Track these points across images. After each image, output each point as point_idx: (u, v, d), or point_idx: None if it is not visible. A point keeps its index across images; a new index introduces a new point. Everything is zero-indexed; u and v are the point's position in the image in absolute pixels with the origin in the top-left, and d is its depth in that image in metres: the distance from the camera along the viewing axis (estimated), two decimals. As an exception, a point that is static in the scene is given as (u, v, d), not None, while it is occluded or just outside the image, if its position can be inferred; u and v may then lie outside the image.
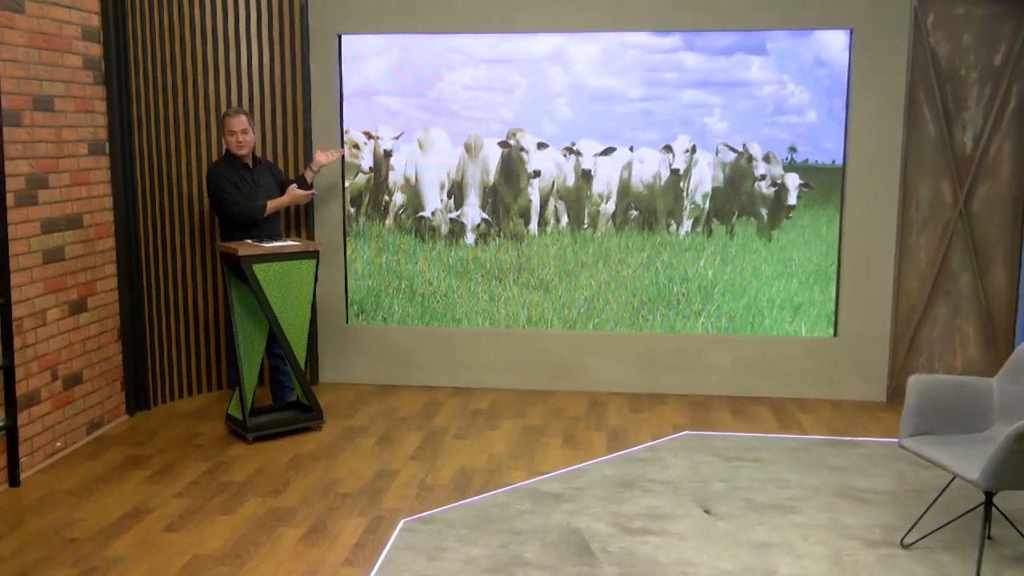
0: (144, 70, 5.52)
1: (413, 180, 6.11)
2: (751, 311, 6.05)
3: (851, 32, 5.73)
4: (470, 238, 6.16)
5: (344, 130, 6.15)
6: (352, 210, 6.21)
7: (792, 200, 5.92)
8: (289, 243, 5.19)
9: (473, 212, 6.08)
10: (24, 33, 4.57)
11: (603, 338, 6.17)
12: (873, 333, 5.95)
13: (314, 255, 5.22)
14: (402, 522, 4.11)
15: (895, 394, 5.97)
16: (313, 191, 5.63)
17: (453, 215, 6.06)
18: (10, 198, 4.45)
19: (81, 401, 5.10)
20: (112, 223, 5.37)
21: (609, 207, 6.02)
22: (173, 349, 5.85)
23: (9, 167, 4.44)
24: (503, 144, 6.04)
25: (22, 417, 4.57)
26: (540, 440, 5.23)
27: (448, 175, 6.12)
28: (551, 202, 6.09)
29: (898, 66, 5.68)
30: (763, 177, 5.92)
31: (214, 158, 5.85)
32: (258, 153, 5.78)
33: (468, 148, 6.08)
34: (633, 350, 6.15)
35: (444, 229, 6.17)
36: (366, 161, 6.16)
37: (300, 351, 5.24)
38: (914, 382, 3.91)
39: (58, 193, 4.86)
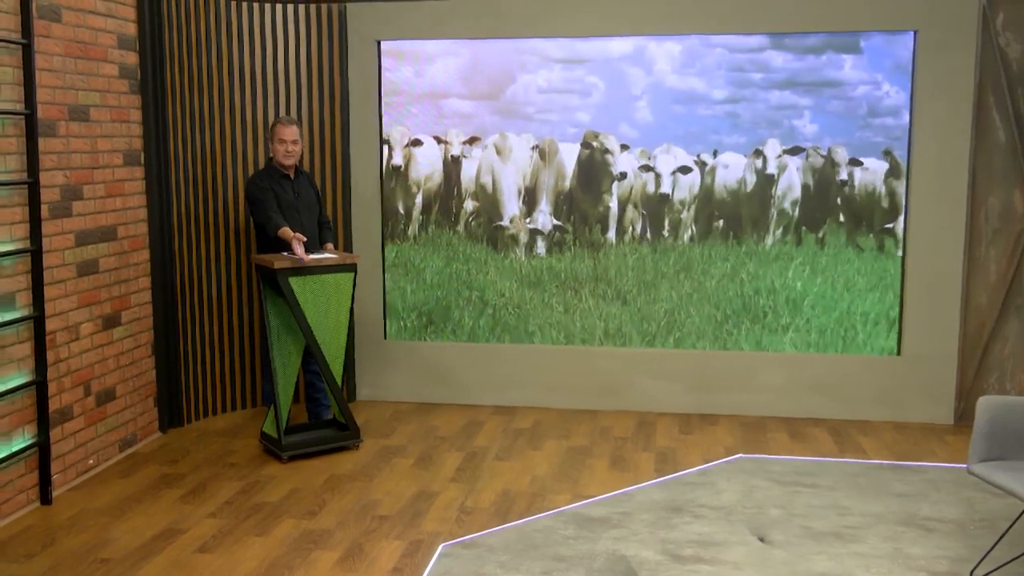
0: (180, 79, 5.63)
1: (489, 187, 6.11)
2: (843, 325, 5.95)
3: (915, 34, 5.67)
4: (543, 247, 6.14)
5: (383, 138, 6.21)
6: (421, 217, 6.24)
7: (885, 207, 5.83)
8: (326, 255, 5.24)
9: (545, 219, 6.07)
10: (60, 42, 4.69)
11: (652, 355, 6.13)
12: (940, 351, 5.85)
13: (352, 268, 5.27)
14: (441, 546, 4.11)
15: (963, 416, 5.86)
16: (301, 258, 5.08)
17: (531, 225, 6.03)
18: (44, 209, 4.56)
19: (114, 418, 5.19)
20: (146, 235, 5.47)
21: (691, 215, 5.97)
22: (207, 365, 5.93)
23: (44, 178, 4.55)
24: (585, 145, 6.00)
25: (54, 433, 4.67)
26: (585, 462, 5.21)
27: (523, 180, 6.11)
28: (629, 209, 6.05)
29: (966, 69, 5.61)
30: (845, 184, 5.83)
31: (251, 168, 5.94)
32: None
33: (542, 153, 6.07)
34: (683, 368, 6.11)
35: (520, 237, 6.14)
36: (435, 167, 6.17)
37: (337, 367, 5.28)
38: (984, 404, 3.83)
39: (92, 204, 4.97)
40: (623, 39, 5.92)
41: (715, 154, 5.93)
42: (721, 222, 6.01)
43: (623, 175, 5.98)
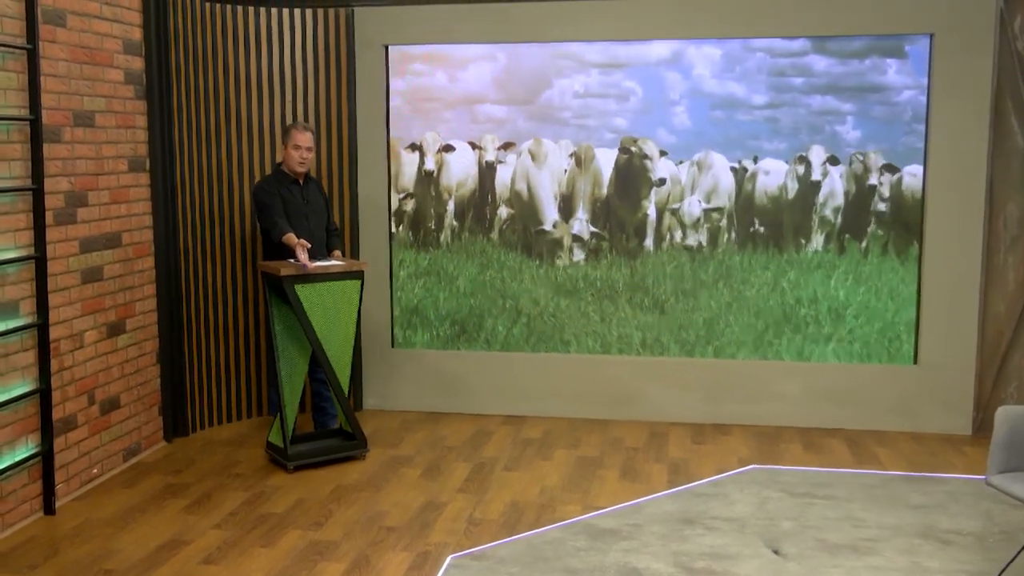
0: (186, 85, 5.66)
1: (525, 193, 6.09)
2: (887, 336, 5.93)
3: (931, 37, 5.67)
4: (580, 254, 6.13)
5: (390, 142, 6.23)
6: (455, 224, 6.24)
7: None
8: (333, 262, 5.26)
9: (582, 226, 6.05)
10: (65, 47, 4.72)
11: (664, 364, 6.13)
12: (957, 360, 5.83)
13: (359, 275, 5.28)
14: (449, 558, 4.11)
15: (982, 427, 5.83)
16: (305, 264, 5.07)
17: (574, 230, 6.02)
18: (49, 216, 4.58)
19: (118, 427, 5.21)
20: (151, 242, 5.49)
21: (731, 222, 5.96)
22: (212, 373, 5.95)
23: (48, 184, 4.58)
24: (623, 151, 5.99)
25: (58, 443, 4.68)
26: (596, 472, 5.21)
27: (559, 187, 6.10)
28: (667, 216, 6.04)
29: (983, 73, 5.60)
30: (887, 191, 5.80)
31: (257, 174, 5.96)
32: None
33: (578, 159, 6.06)
34: (696, 377, 6.10)
35: (562, 242, 6.11)
36: (469, 173, 6.17)
37: (344, 376, 5.29)
38: (1003, 414, 3.82)
39: (97, 211, 4.99)
40: (662, 43, 5.91)
41: (755, 160, 5.91)
42: (762, 229, 5.98)
43: (662, 180, 5.97)
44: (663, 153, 5.97)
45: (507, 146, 6.12)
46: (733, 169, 5.94)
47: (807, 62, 5.80)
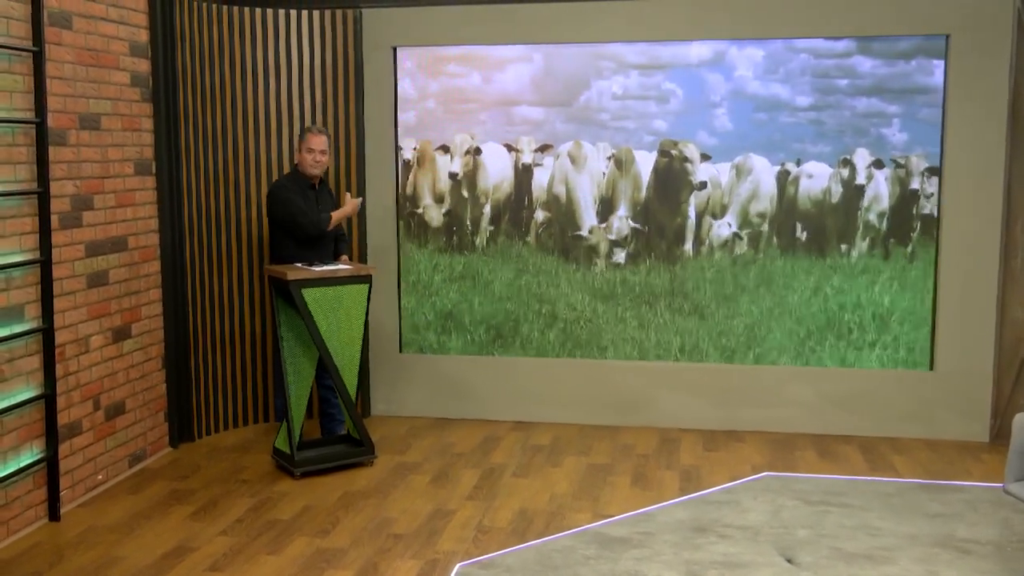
0: (192, 87, 5.68)
1: (563, 197, 6.06)
2: (933, 343, 5.90)
3: (947, 38, 5.65)
4: (618, 258, 6.09)
5: (398, 146, 6.24)
6: (490, 228, 6.22)
7: None
8: (340, 267, 5.26)
9: (621, 223, 6.00)
10: (71, 49, 4.74)
11: (675, 370, 6.12)
12: (974, 366, 5.80)
13: (366, 279, 5.28)
14: (458, 566, 4.11)
15: (1000, 434, 5.80)
16: (360, 198, 5.73)
17: (609, 235, 5.98)
18: (54, 220, 4.60)
19: (123, 432, 5.22)
20: (157, 246, 5.51)
21: (773, 227, 5.93)
22: (219, 378, 5.96)
23: (54, 188, 4.59)
24: (663, 154, 5.96)
25: (63, 448, 4.70)
26: (606, 479, 5.20)
27: (598, 190, 6.07)
28: (707, 220, 6.01)
29: (1000, 74, 5.58)
30: (933, 194, 5.76)
31: (264, 177, 5.97)
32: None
33: (618, 161, 6.03)
34: (707, 383, 6.08)
35: (599, 248, 6.08)
36: (505, 176, 6.15)
37: (351, 381, 5.29)
38: (1021, 421, 3.80)
39: (103, 215, 5.01)
40: (702, 43, 5.88)
41: (799, 163, 5.87)
42: (804, 234, 5.94)
43: (703, 184, 5.94)
44: (704, 156, 5.93)
45: (544, 148, 6.09)
46: (776, 173, 5.90)
47: (852, 63, 5.76)
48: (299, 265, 5.24)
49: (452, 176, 6.22)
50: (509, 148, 6.15)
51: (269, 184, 5.85)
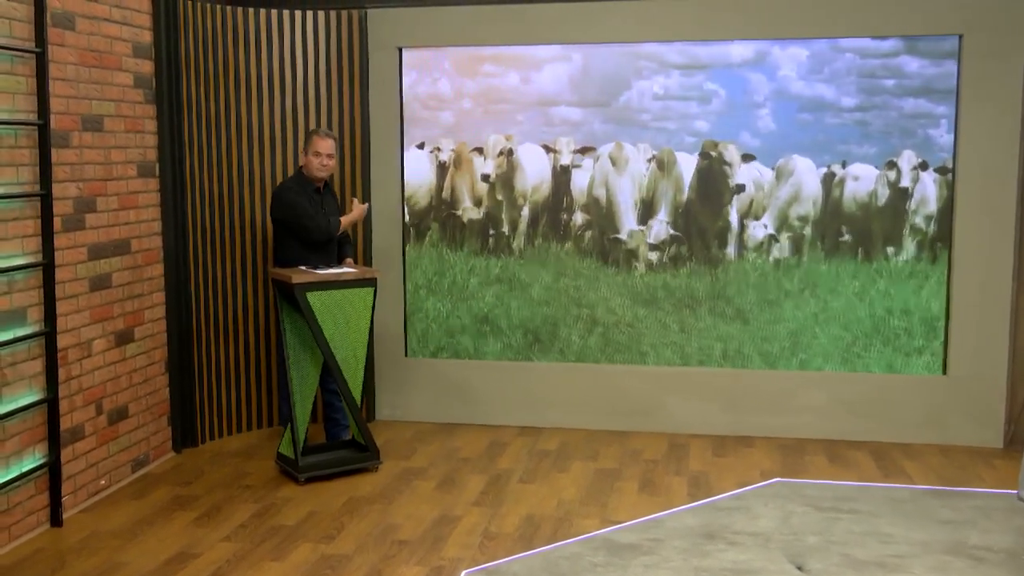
0: (196, 88, 5.68)
1: (603, 199, 6.03)
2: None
3: (960, 38, 5.64)
4: (659, 261, 6.05)
5: (403, 147, 6.24)
6: (528, 230, 6.18)
7: None
8: (345, 270, 5.26)
9: (660, 227, 5.98)
10: (74, 51, 4.75)
11: (684, 374, 6.10)
12: (987, 371, 5.78)
13: (372, 283, 5.28)
14: (463, 573, 4.10)
15: (1013, 440, 5.79)
16: (367, 203, 5.79)
17: (649, 239, 5.95)
18: (57, 222, 4.61)
19: (126, 437, 5.22)
20: (161, 249, 5.51)
21: (817, 230, 5.89)
22: (222, 383, 5.96)
23: (57, 190, 4.60)
24: (704, 156, 5.92)
25: (65, 453, 4.70)
26: (614, 485, 5.19)
27: (639, 193, 6.04)
28: (751, 223, 5.98)
29: (1014, 75, 5.57)
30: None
31: (268, 180, 5.98)
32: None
33: (659, 163, 5.99)
34: (717, 388, 6.07)
35: (638, 251, 6.05)
36: (543, 177, 6.11)
37: (356, 386, 5.29)
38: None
39: (106, 217, 5.02)
40: (744, 43, 5.85)
41: (844, 165, 5.84)
42: (849, 237, 5.90)
43: (741, 187, 5.87)
44: (747, 158, 5.89)
45: (586, 151, 6.05)
46: (821, 175, 5.87)
47: (899, 63, 5.71)
48: (303, 268, 5.24)
49: (484, 178, 6.19)
50: (547, 149, 6.11)
51: (274, 186, 5.86)
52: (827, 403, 5.97)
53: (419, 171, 6.28)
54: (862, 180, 5.84)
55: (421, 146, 6.24)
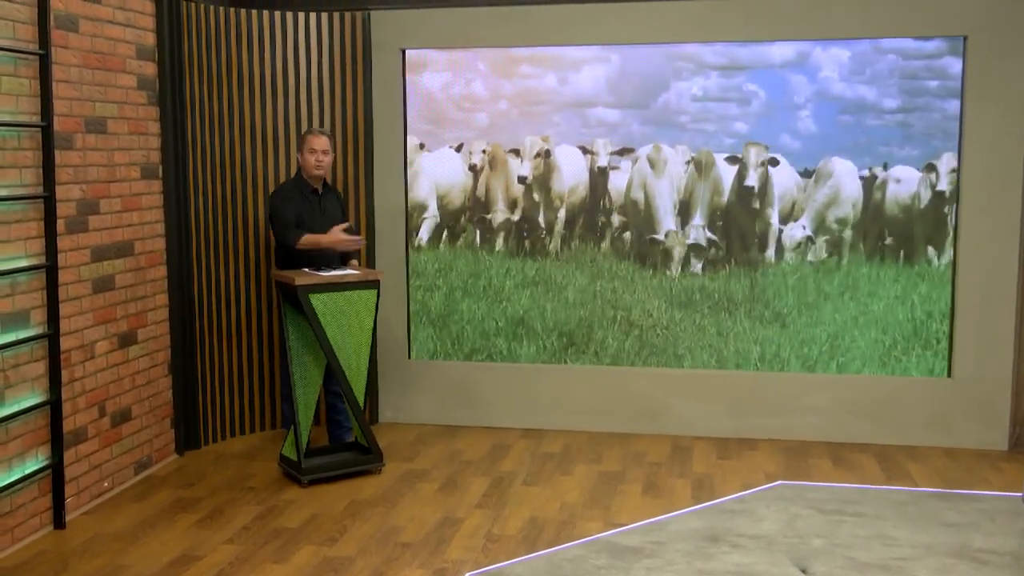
0: (199, 90, 5.70)
1: (641, 202, 6.01)
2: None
3: (964, 39, 5.64)
4: (697, 264, 6.04)
5: (406, 148, 6.25)
6: (564, 232, 6.17)
7: None
8: (348, 272, 5.27)
9: (698, 233, 5.96)
10: (77, 52, 4.77)
11: (687, 377, 6.11)
12: (993, 373, 5.78)
13: (375, 285, 5.29)
14: (466, 575, 4.10)
15: (1018, 442, 5.78)
16: (360, 239, 5.56)
17: (687, 240, 5.93)
18: (60, 224, 4.62)
19: (129, 439, 5.24)
20: (164, 251, 5.53)
21: (857, 232, 5.86)
22: (225, 385, 5.97)
23: (60, 192, 4.62)
24: (744, 157, 5.90)
25: (68, 455, 4.71)
26: (618, 488, 5.19)
27: (677, 195, 6.01)
28: (788, 225, 5.94)
29: (1019, 76, 5.57)
30: None
31: (272, 182, 5.99)
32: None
33: (698, 165, 5.97)
34: (720, 390, 6.07)
35: (674, 253, 6.03)
36: (580, 179, 6.08)
37: (359, 388, 5.30)
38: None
39: (109, 219, 5.03)
40: (785, 44, 5.82)
41: (885, 167, 5.82)
42: (891, 240, 5.88)
43: (764, 191, 5.84)
44: (774, 162, 5.85)
45: (624, 152, 6.02)
46: (862, 177, 5.84)
47: (942, 64, 5.68)
48: (307, 270, 5.25)
49: (522, 180, 6.17)
50: (584, 151, 6.09)
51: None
52: (831, 405, 5.97)
53: (452, 172, 6.25)
54: (904, 183, 5.80)
55: (459, 148, 6.21)
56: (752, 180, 5.92)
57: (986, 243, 5.73)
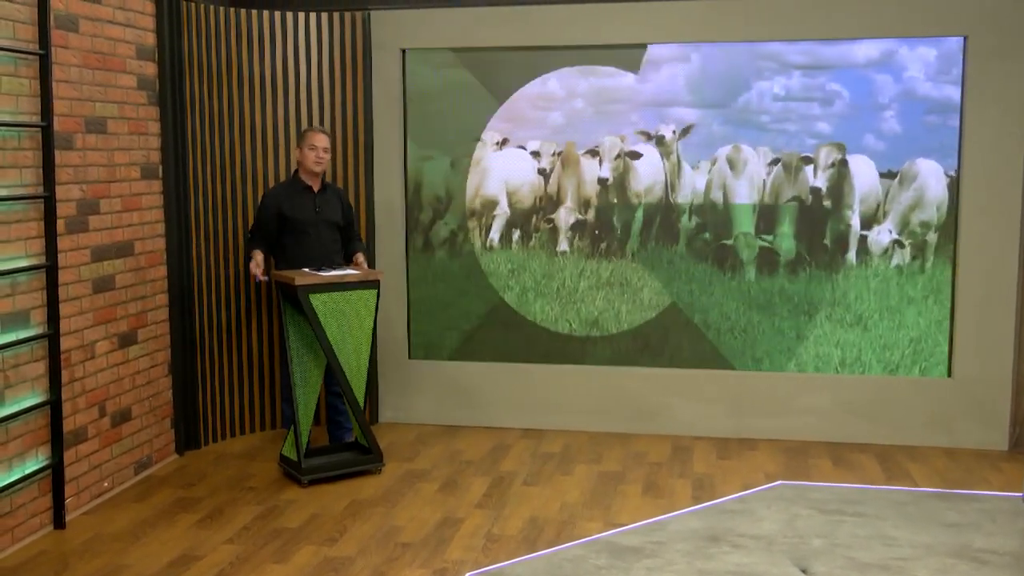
0: (200, 90, 5.70)
1: (720, 203, 5.96)
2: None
3: (964, 40, 5.64)
4: (775, 265, 5.96)
5: (406, 148, 6.26)
6: (641, 233, 6.09)
7: None
8: (348, 271, 5.28)
9: (779, 231, 5.89)
10: (77, 52, 4.77)
11: (687, 377, 6.11)
12: (993, 373, 5.79)
13: (375, 285, 5.30)
14: (467, 575, 4.11)
15: (1019, 442, 5.78)
16: (264, 278, 5.43)
17: (762, 242, 5.87)
18: (60, 224, 4.63)
19: (129, 439, 5.24)
20: (164, 251, 5.53)
21: (943, 235, 5.78)
22: (225, 385, 5.98)
23: (60, 192, 4.62)
24: (806, 160, 5.84)
25: (68, 455, 4.72)
26: (618, 488, 5.20)
27: (757, 195, 5.96)
28: (874, 229, 5.87)
29: (1020, 76, 5.57)
30: None
31: (271, 182, 6.00)
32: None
33: (785, 166, 5.88)
34: (721, 390, 6.08)
35: (752, 256, 5.97)
36: (656, 179, 5.99)
37: (359, 388, 5.31)
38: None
39: (109, 219, 5.04)
40: (868, 43, 5.76)
41: None
42: None
43: (840, 191, 5.79)
44: (839, 163, 5.81)
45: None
46: (948, 178, 5.78)
47: None
48: (307, 270, 5.25)
49: (602, 181, 6.09)
50: (660, 152, 6.02)
51: (276, 188, 5.88)
52: (831, 405, 5.97)
53: (522, 171, 6.19)
54: None
55: (536, 154, 6.16)
56: (820, 181, 5.86)
57: (986, 243, 5.73)
